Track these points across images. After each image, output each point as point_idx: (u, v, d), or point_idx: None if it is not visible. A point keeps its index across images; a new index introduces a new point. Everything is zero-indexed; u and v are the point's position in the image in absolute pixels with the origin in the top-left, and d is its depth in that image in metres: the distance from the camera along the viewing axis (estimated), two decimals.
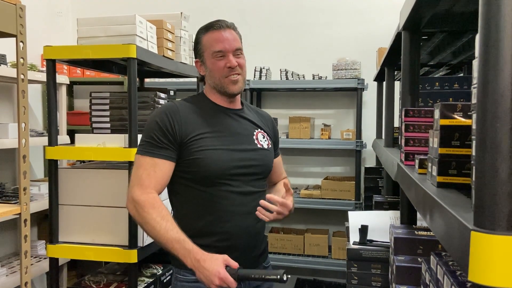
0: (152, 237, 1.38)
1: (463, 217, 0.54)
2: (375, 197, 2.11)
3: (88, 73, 3.75)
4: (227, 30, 1.47)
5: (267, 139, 1.59)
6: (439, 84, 1.77)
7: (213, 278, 1.22)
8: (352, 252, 1.47)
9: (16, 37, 1.18)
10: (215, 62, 1.46)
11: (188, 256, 1.28)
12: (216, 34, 1.46)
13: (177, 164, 1.45)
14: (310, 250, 3.39)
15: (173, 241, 1.30)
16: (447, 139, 0.83)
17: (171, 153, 1.41)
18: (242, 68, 1.49)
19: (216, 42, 1.45)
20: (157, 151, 1.40)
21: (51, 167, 2.00)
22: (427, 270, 0.85)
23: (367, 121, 3.40)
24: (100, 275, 2.21)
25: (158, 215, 1.34)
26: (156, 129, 1.42)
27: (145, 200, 1.36)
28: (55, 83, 1.97)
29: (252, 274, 1.25)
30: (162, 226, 1.32)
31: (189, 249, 1.29)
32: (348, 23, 3.52)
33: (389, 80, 2.16)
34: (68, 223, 2.03)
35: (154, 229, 1.34)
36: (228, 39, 1.45)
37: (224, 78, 1.46)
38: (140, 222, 1.38)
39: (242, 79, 1.49)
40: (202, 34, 1.50)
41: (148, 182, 1.38)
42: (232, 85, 1.47)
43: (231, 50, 1.45)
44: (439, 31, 1.42)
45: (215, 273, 1.22)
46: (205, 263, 1.25)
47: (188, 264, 1.28)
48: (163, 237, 1.32)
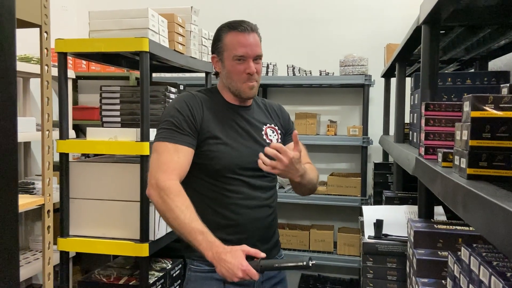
0: (173, 226, 1.35)
1: (508, 205, 0.54)
2: (385, 192, 2.11)
3: (93, 67, 3.73)
4: (251, 34, 1.48)
5: (276, 133, 1.61)
6: (451, 79, 1.78)
7: (236, 271, 1.21)
8: (367, 246, 1.47)
9: (40, 27, 1.17)
10: (234, 65, 1.46)
11: (210, 249, 1.26)
12: (241, 37, 1.46)
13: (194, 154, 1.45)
14: (316, 246, 3.39)
15: (197, 232, 1.29)
16: (478, 131, 0.83)
17: (192, 140, 1.42)
18: (259, 74, 1.52)
19: (240, 46, 1.45)
20: (179, 138, 1.40)
21: (62, 160, 1.99)
22: (456, 262, 0.85)
23: (373, 118, 3.40)
24: (109, 269, 2.21)
25: (183, 204, 1.32)
26: (177, 116, 1.42)
27: (170, 186, 1.34)
28: (66, 77, 1.96)
29: (275, 264, 1.24)
30: (187, 215, 1.30)
31: (211, 241, 1.28)
32: (356, 19, 3.52)
33: (400, 76, 2.15)
34: (79, 217, 2.02)
35: (178, 218, 1.31)
36: (251, 45, 1.46)
37: (242, 83, 1.47)
38: (163, 209, 1.35)
39: (257, 84, 1.52)
40: (224, 32, 1.50)
41: (173, 168, 1.37)
42: (249, 90, 1.50)
43: (252, 56, 1.46)
44: (458, 25, 1.41)
45: (237, 265, 1.21)
46: (227, 256, 1.23)
47: (208, 257, 1.26)
48: (187, 227, 1.30)
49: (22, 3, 1.06)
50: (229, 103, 1.56)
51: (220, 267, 1.24)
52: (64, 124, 1.97)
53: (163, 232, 2.07)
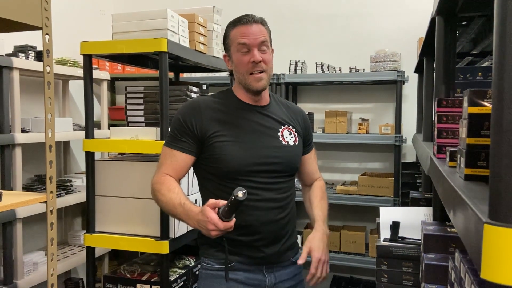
0: (168, 213, 1.45)
1: (479, 209, 0.50)
2: (411, 193, 2.02)
3: (128, 69, 3.86)
4: (254, 25, 1.46)
5: (294, 135, 1.56)
6: (482, 74, 1.67)
7: (207, 225, 1.24)
8: (381, 249, 1.41)
9: (42, 30, 1.22)
10: (239, 57, 1.46)
11: (190, 217, 1.32)
12: (243, 29, 1.46)
13: (201, 159, 1.49)
14: (347, 247, 3.31)
15: (177, 207, 1.36)
16: (475, 128, 0.77)
17: (189, 146, 1.46)
18: (267, 64, 1.47)
19: (242, 36, 1.45)
20: (175, 143, 1.47)
21: (88, 159, 2.07)
22: (453, 268, 0.79)
23: (408, 115, 3.27)
24: (135, 265, 2.27)
25: (166, 188, 1.41)
26: (177, 123, 1.48)
27: (156, 181, 1.45)
28: (91, 78, 2.03)
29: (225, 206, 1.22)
30: (167, 197, 1.38)
31: (188, 209, 1.32)
32: (387, 12, 3.40)
33: (428, 71, 2.05)
34: (104, 214, 2.09)
35: (163, 202, 1.40)
36: (253, 33, 1.44)
37: (249, 74, 1.46)
38: (156, 202, 1.46)
39: (266, 76, 1.47)
40: (230, 28, 1.50)
41: (164, 169, 1.47)
42: (256, 82, 1.46)
43: (256, 44, 1.43)
44: (478, 16, 1.32)
45: (206, 220, 1.24)
46: (199, 216, 1.28)
47: (192, 225, 1.32)
48: (170, 207, 1.38)
49: (23, 6, 1.10)
50: (243, 103, 1.53)
51: (200, 228, 1.29)
52: (89, 124, 2.05)
53: (184, 230, 2.10)
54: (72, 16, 3.48)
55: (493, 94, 0.46)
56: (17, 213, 2.40)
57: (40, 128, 2.63)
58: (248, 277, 1.46)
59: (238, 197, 1.17)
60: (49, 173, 1.34)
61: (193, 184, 2.10)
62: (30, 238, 2.92)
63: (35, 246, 2.96)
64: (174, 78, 2.75)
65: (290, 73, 3.39)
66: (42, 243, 3.03)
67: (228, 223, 1.24)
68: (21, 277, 2.48)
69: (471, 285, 0.59)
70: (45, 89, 1.24)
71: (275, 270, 1.50)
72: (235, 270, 1.45)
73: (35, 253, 2.72)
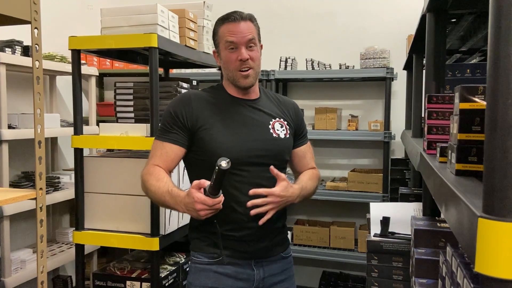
0: (158, 204, 1.46)
1: (472, 203, 0.50)
2: (401, 189, 2.04)
3: (117, 64, 3.81)
4: (242, 22, 1.46)
5: (285, 128, 1.56)
6: (470, 71, 1.69)
7: (194, 206, 1.24)
8: (372, 244, 1.42)
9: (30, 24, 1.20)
10: (228, 55, 1.47)
11: (177, 202, 1.32)
12: (231, 26, 1.46)
13: (191, 152, 1.49)
14: (336, 243, 3.34)
15: (165, 195, 1.36)
16: (467, 124, 0.78)
17: (179, 137, 1.47)
18: (255, 61, 1.47)
19: (229, 33, 1.46)
20: (166, 135, 1.47)
21: (77, 155, 2.04)
22: (444, 262, 0.80)
23: (397, 112, 3.30)
24: (125, 262, 2.25)
25: (154, 178, 1.41)
26: (168, 116, 1.48)
27: (145, 172, 1.45)
28: (80, 73, 2.00)
29: (210, 182, 1.23)
30: (156, 186, 1.38)
31: (175, 195, 1.33)
32: (376, 10, 3.41)
33: (417, 68, 2.07)
34: (93, 211, 2.07)
35: (152, 192, 1.40)
36: (241, 31, 1.45)
37: (237, 71, 1.47)
38: (146, 193, 1.45)
39: (253, 73, 1.49)
40: (218, 25, 1.50)
41: (154, 161, 1.47)
42: (243, 79, 1.47)
43: (243, 42, 1.44)
44: (467, 13, 1.34)
45: (192, 201, 1.25)
46: (185, 199, 1.29)
47: (181, 211, 1.32)
48: (159, 196, 1.38)
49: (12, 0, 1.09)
50: (232, 97, 1.54)
51: (188, 212, 1.30)
52: (78, 120, 2.02)
53: (174, 227, 2.09)
54: (59, 11, 3.42)
55: (488, 90, 0.46)
56: (4, 210, 2.36)
57: (27, 124, 2.59)
58: (237, 271, 1.46)
59: (221, 167, 1.17)
60: (38, 169, 1.33)
61: (184, 179, 2.09)
62: (17, 236, 2.88)
63: (22, 243, 2.92)
64: (164, 74, 2.73)
65: (280, 69, 3.39)
66: (30, 240, 3.00)
67: (217, 198, 1.24)
68: (9, 275, 2.44)
69: (463, 279, 0.60)
70: (34, 84, 1.22)
71: (264, 264, 1.50)
72: (224, 264, 1.46)
73: (23, 251, 2.68)
